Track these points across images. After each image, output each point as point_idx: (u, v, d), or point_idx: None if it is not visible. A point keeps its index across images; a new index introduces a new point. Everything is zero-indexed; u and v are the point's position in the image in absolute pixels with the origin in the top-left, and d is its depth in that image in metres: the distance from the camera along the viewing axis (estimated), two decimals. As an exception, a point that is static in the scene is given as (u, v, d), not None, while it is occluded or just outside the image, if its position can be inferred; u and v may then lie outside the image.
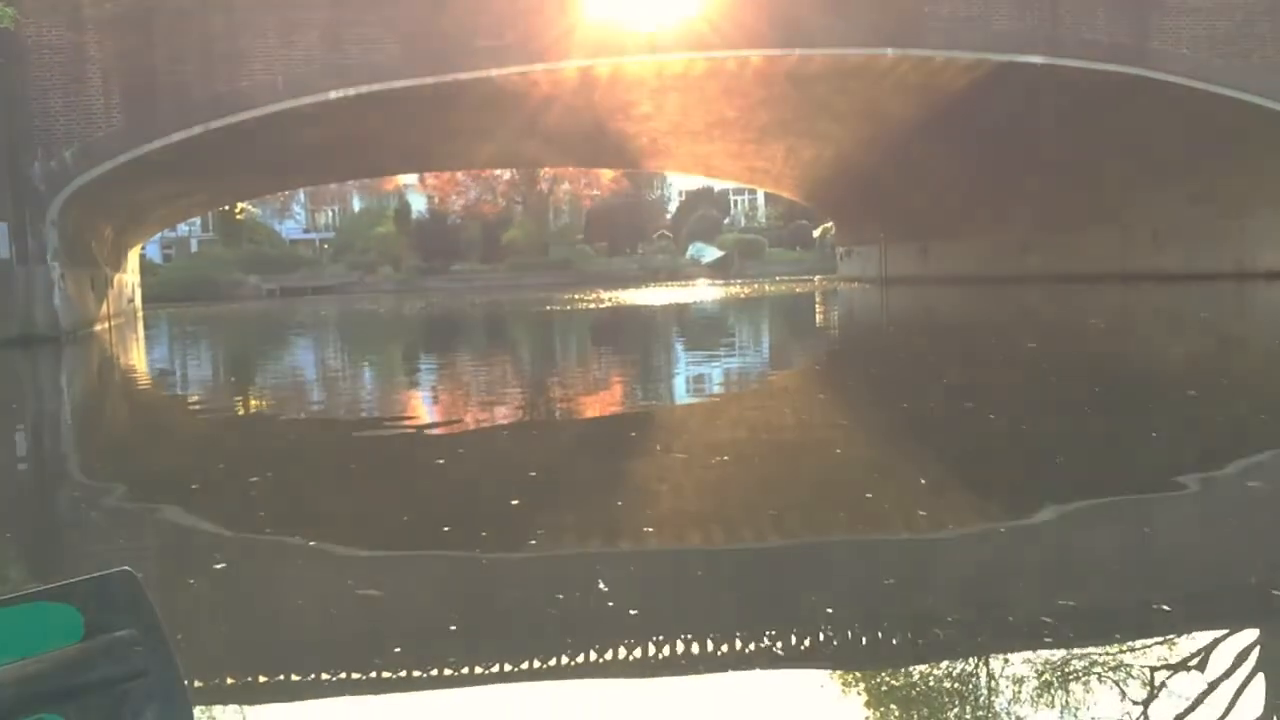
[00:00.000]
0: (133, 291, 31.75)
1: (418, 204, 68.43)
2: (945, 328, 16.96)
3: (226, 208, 55.00)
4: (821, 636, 2.96)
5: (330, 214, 76.49)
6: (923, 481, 5.11)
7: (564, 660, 2.90)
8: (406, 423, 8.34)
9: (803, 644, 2.93)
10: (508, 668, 2.85)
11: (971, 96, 25.10)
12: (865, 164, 33.81)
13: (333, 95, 21.55)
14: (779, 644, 2.92)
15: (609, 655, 2.92)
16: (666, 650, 2.91)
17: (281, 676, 2.96)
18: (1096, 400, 7.63)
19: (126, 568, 1.59)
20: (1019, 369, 10.00)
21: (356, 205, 74.25)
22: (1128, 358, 11.04)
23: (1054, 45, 22.88)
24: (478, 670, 2.86)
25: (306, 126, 23.46)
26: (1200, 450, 5.71)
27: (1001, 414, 7.12)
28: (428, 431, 7.73)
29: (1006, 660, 2.79)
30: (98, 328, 24.55)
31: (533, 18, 21.78)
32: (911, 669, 2.79)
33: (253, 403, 10.41)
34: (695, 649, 2.90)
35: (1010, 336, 14.09)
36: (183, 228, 59.21)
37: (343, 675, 2.87)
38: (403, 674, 2.85)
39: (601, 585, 3.49)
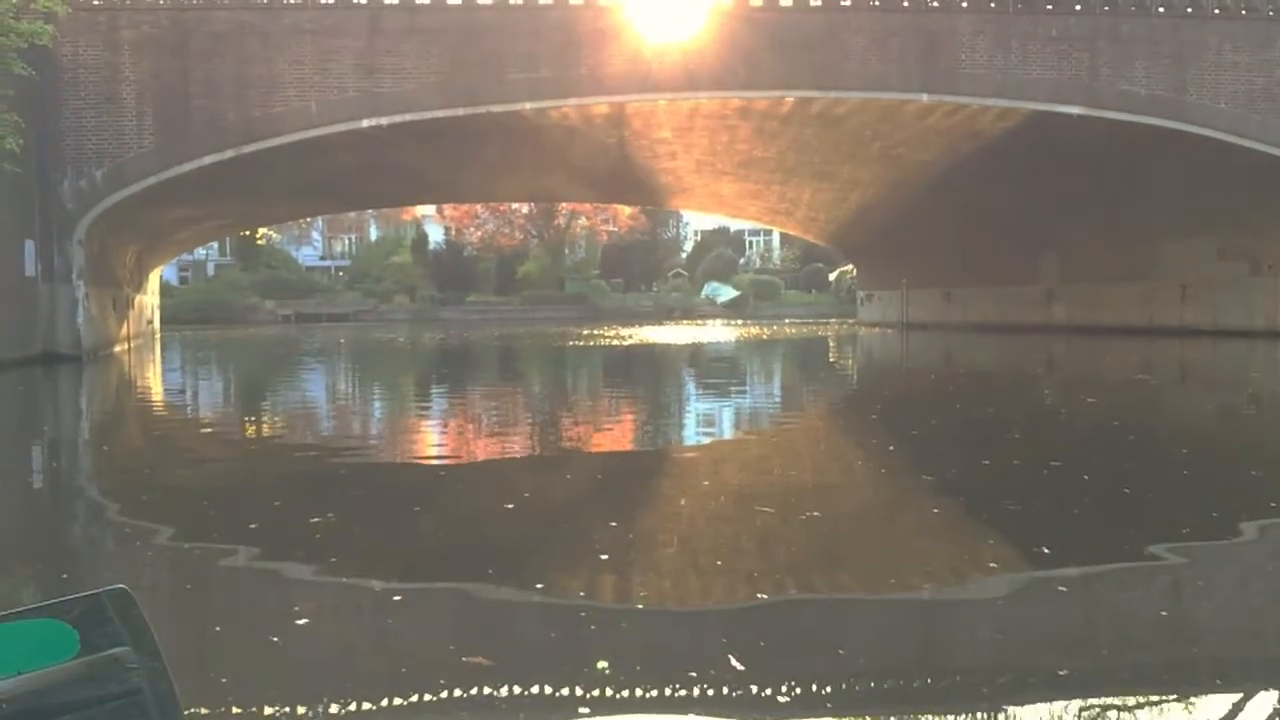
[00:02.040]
0: (152, 313, 31.62)
1: (435, 235, 68.51)
2: (992, 379, 16.58)
3: (247, 233, 55.08)
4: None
5: (347, 242, 76.62)
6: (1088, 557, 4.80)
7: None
8: (466, 465, 8.04)
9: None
10: None
11: (1002, 144, 24.96)
12: (890, 208, 33.64)
13: (365, 124, 21.47)
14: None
15: None
16: None
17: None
18: (1188, 461, 7.31)
19: (122, 585, 1.59)
20: (1091, 426, 9.66)
21: (374, 234, 74.36)
22: (1199, 415, 10.71)
23: (1092, 96, 22.75)
24: None
25: (336, 154, 23.37)
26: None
27: (1094, 473, 6.79)
28: (497, 476, 7.43)
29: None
30: (118, 348, 24.36)
31: (566, 52, 21.72)
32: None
33: (303, 439, 10.11)
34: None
35: (1067, 390, 13.71)
36: (200, 251, 59.24)
37: None
38: None
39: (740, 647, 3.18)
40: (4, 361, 18.18)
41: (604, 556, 4.67)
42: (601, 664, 3.24)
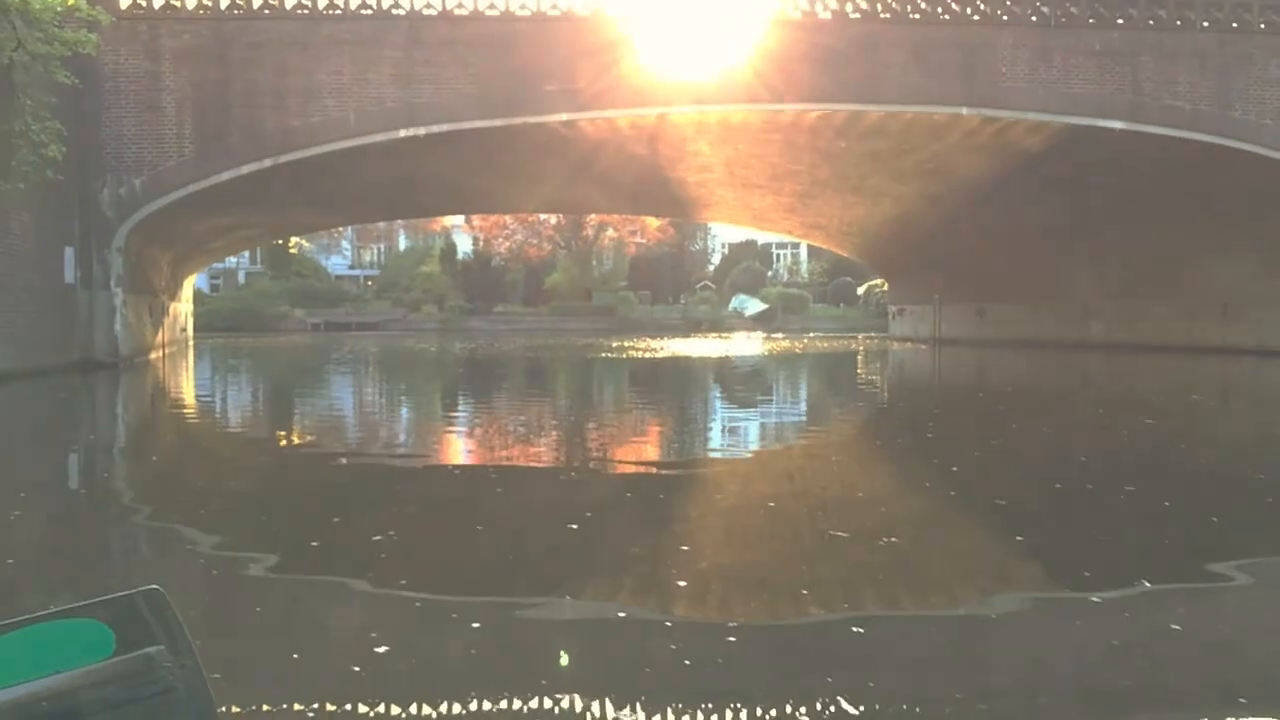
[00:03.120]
0: (186, 320, 31.74)
1: (463, 245, 68.68)
2: (1041, 397, 16.25)
3: (280, 241, 55.36)
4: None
5: (376, 251, 76.93)
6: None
7: None
8: (521, 482, 7.91)
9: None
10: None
11: (1040, 158, 24.68)
12: (924, 222, 33.35)
13: (402, 133, 21.47)
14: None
15: None
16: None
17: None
18: (1271, 487, 7.07)
19: (156, 586, 1.61)
20: (1157, 449, 9.40)
21: (403, 244, 74.63)
22: (1267, 439, 10.42)
23: (1135, 111, 22.46)
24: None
25: (371, 164, 23.39)
26: None
27: (1175, 500, 6.58)
28: (554, 493, 7.30)
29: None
30: (153, 355, 24.43)
31: (603, 64, 21.63)
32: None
33: (350, 450, 10.01)
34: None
35: (1121, 410, 13.39)
36: (231, 259, 59.59)
37: None
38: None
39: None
40: (43, 368, 18.23)
41: (682, 583, 4.51)
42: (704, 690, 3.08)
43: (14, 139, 16.50)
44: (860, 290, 64.15)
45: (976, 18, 22.64)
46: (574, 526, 5.69)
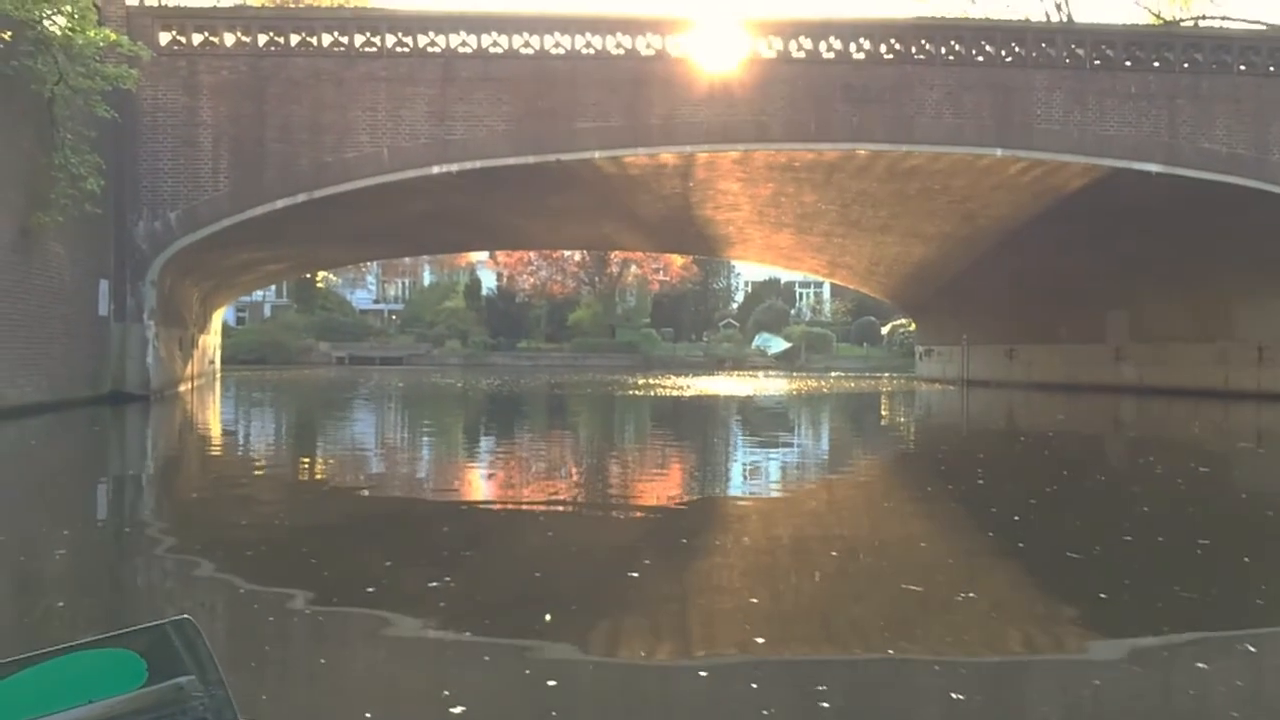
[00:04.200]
0: (214, 353, 31.83)
1: (488, 280, 68.96)
2: (1086, 442, 15.89)
3: (307, 275, 55.71)
4: None
5: (401, 286, 77.36)
6: None
7: None
8: (574, 526, 7.74)
9: None
10: None
11: (1073, 200, 24.53)
12: (954, 262, 33.19)
13: (435, 170, 21.53)
14: None
15: None
16: None
17: None
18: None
19: (187, 616, 1.66)
20: (1219, 498, 9.12)
21: (427, 279, 75.01)
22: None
23: (1171, 154, 22.30)
24: None
25: (400, 199, 23.47)
26: None
27: (1253, 554, 6.34)
28: (610, 538, 7.13)
29: None
30: (182, 387, 24.46)
31: (637, 103, 21.69)
32: None
33: (393, 489, 9.86)
34: None
35: (1171, 456, 13.05)
36: (258, 292, 60.00)
37: None
38: None
39: None
40: (75, 400, 18.24)
41: (759, 639, 4.32)
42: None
43: (53, 172, 16.62)
44: (884, 330, 63.93)
45: (1010, 60, 22.59)
46: (634, 575, 5.51)
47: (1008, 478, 10.42)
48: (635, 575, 5.51)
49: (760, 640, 4.27)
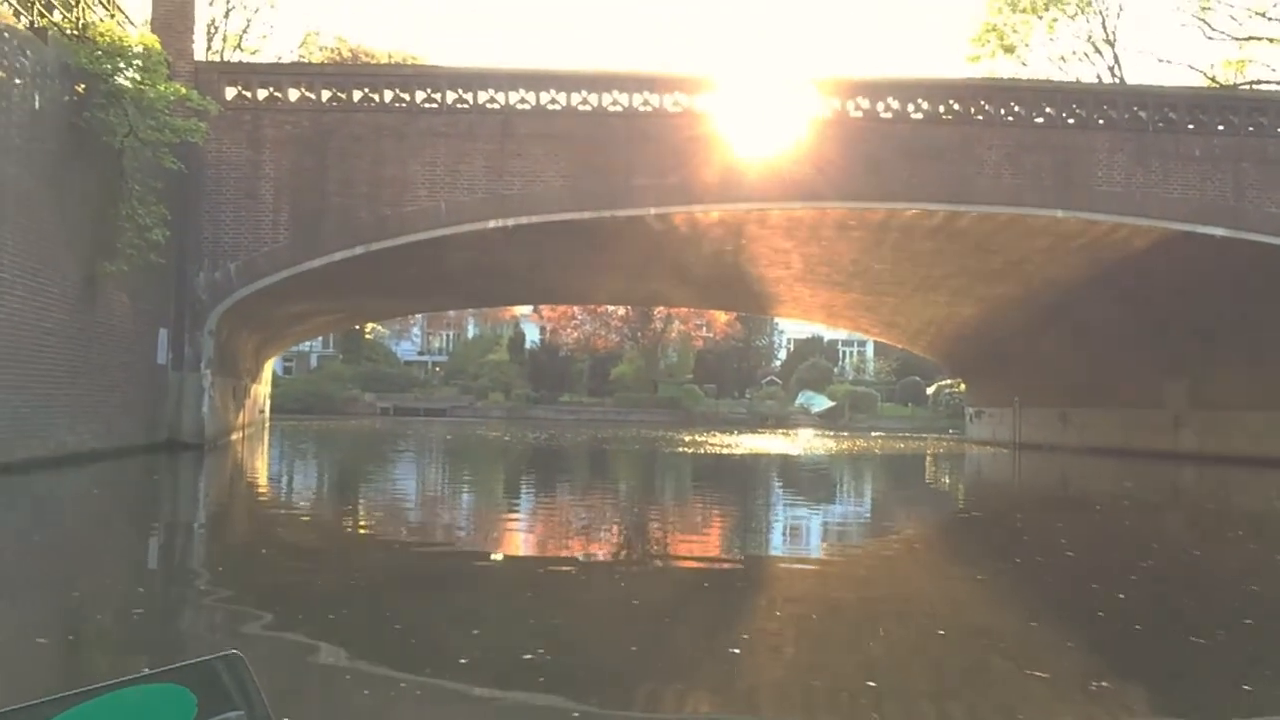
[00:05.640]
0: (264, 402, 32.02)
1: (531, 334, 69.22)
2: (1165, 512, 15.27)
3: (355, 326, 56.21)
4: None
5: (445, 338, 77.88)
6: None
7: None
8: (661, 594, 7.49)
9: None
10: None
11: (1132, 262, 24.11)
12: (1006, 323, 32.74)
13: (491, 224, 21.62)
14: None
15: None
16: None
17: None
18: None
19: (236, 651, 1.66)
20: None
21: (471, 331, 75.46)
22: None
23: (1236, 218, 21.94)
24: None
25: (457, 253, 23.61)
26: None
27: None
28: (705, 610, 6.87)
29: None
30: (234, 436, 24.54)
31: (693, 160, 21.69)
32: None
33: (467, 549, 9.66)
34: None
35: (1259, 529, 12.54)
36: (306, 343, 60.65)
37: None
38: None
39: None
40: (131, 448, 18.29)
41: (875, 716, 4.04)
42: None
43: (121, 222, 16.83)
44: (930, 390, 63.20)
45: (1072, 121, 22.41)
46: (736, 651, 5.24)
47: (1095, 550, 10.01)
48: (736, 651, 5.24)
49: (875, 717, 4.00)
